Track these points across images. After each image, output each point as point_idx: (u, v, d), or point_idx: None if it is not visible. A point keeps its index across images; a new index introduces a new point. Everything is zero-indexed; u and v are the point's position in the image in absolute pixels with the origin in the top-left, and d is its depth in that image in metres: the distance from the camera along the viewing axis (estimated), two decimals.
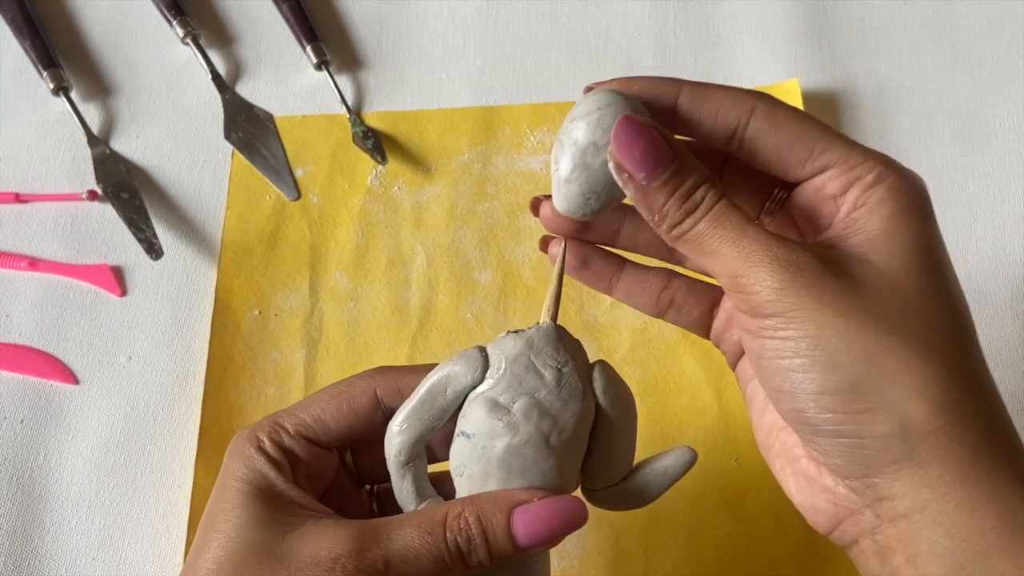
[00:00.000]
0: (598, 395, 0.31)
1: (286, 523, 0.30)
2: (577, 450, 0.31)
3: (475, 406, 0.31)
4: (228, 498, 0.31)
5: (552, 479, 0.31)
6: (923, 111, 0.57)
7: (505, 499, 0.30)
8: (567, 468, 0.31)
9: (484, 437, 0.30)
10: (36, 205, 0.55)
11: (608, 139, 0.29)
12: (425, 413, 0.31)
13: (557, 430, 0.30)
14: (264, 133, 0.57)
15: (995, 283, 0.52)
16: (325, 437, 0.33)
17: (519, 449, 0.30)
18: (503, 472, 0.30)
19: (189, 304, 0.52)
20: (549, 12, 0.60)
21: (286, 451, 0.32)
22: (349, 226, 0.54)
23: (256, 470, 0.31)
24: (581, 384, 0.31)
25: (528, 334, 0.31)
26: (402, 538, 0.29)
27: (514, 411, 0.30)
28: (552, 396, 0.30)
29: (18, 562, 0.46)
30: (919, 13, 0.60)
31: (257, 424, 0.33)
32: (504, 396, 0.30)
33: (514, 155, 0.56)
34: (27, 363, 0.50)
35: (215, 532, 0.30)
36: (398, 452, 0.32)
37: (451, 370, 0.31)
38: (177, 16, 0.58)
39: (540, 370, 0.30)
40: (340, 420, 0.33)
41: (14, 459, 0.48)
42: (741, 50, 0.59)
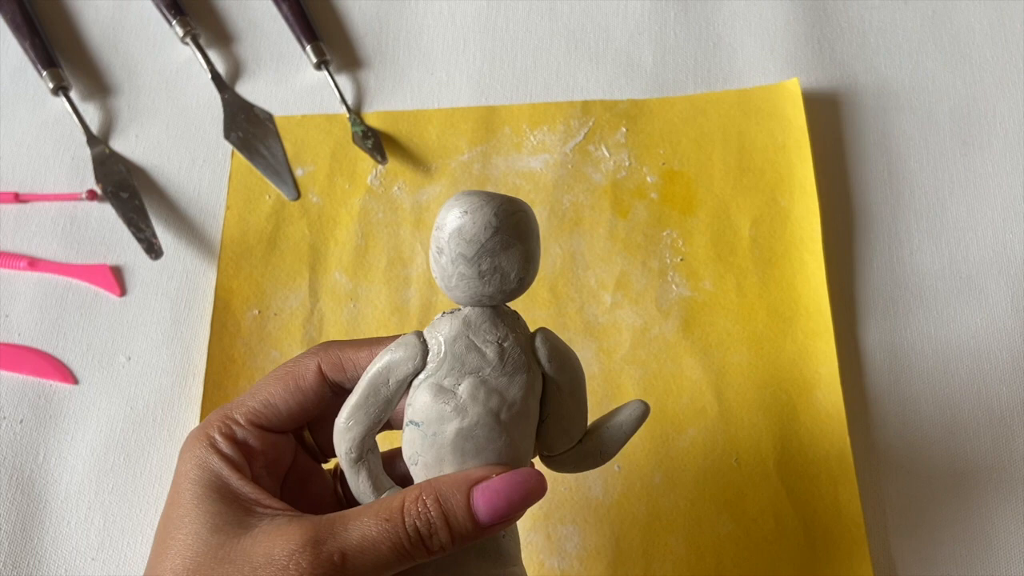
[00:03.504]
0: (543, 363, 0.31)
1: (241, 524, 0.29)
2: (529, 421, 0.31)
3: (420, 393, 0.30)
4: (183, 503, 0.30)
5: (507, 455, 0.31)
6: (923, 111, 0.57)
7: (463, 479, 0.30)
8: (521, 441, 0.31)
9: (433, 423, 0.30)
10: (35, 205, 0.55)
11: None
12: (370, 407, 0.31)
13: (506, 406, 0.30)
14: (264, 133, 0.57)
15: (996, 283, 0.52)
16: (277, 421, 0.32)
17: (470, 431, 0.30)
18: (457, 456, 0.30)
19: (189, 304, 0.52)
20: (549, 12, 0.60)
21: (240, 444, 0.32)
22: (349, 226, 0.54)
23: (209, 470, 0.31)
24: (524, 356, 0.30)
25: (464, 313, 0.30)
26: (358, 528, 0.29)
27: (460, 393, 0.30)
28: (497, 372, 0.30)
29: (17, 562, 0.46)
30: (919, 13, 0.60)
31: (207, 420, 0.32)
32: (448, 379, 0.30)
33: (514, 155, 0.56)
34: (26, 363, 0.50)
35: (171, 540, 0.30)
36: (348, 449, 0.31)
37: (390, 359, 0.30)
38: (177, 16, 0.58)
39: (481, 348, 0.30)
40: (289, 401, 0.32)
41: (13, 459, 0.48)
42: (741, 50, 0.58)
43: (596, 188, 0.54)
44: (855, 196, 0.54)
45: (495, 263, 0.29)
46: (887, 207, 0.54)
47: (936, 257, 0.53)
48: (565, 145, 0.56)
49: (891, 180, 0.55)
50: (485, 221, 0.28)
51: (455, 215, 0.29)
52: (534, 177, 0.55)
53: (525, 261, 0.29)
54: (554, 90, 0.58)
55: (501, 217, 0.29)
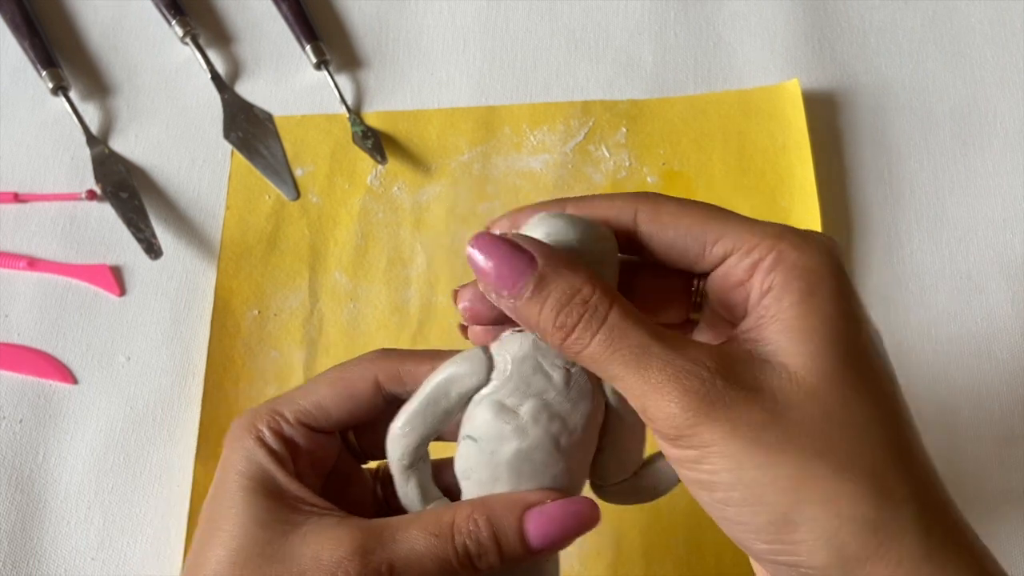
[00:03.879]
0: (607, 393, 0.30)
1: (288, 521, 0.29)
2: (587, 450, 0.31)
3: (481, 409, 0.30)
4: (229, 493, 0.30)
5: (563, 481, 0.30)
6: (923, 111, 0.57)
7: (517, 501, 0.29)
8: (577, 469, 0.30)
9: (492, 441, 0.29)
10: (35, 205, 0.55)
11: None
12: (428, 416, 0.30)
13: (567, 432, 0.29)
14: (263, 133, 0.57)
15: (996, 283, 0.52)
16: (326, 423, 0.32)
17: (528, 453, 0.29)
18: (512, 476, 0.30)
19: (188, 304, 0.52)
20: (549, 12, 0.60)
21: (287, 441, 0.31)
22: (349, 226, 0.54)
23: (256, 463, 0.31)
24: (590, 384, 0.30)
25: (534, 335, 0.30)
26: (407, 540, 0.29)
27: (522, 414, 0.29)
28: (561, 397, 0.29)
29: (17, 562, 0.46)
30: (920, 13, 0.60)
31: (255, 411, 0.32)
32: (511, 398, 0.29)
33: (514, 155, 0.56)
34: (26, 363, 0.50)
35: (217, 530, 0.29)
36: (401, 456, 0.31)
37: (455, 371, 0.30)
38: (176, 15, 0.58)
39: (548, 371, 0.29)
40: (340, 406, 0.32)
41: (13, 459, 0.48)
42: (741, 50, 0.58)
43: (596, 188, 0.54)
44: (855, 196, 0.54)
45: None
46: (887, 207, 0.54)
47: (936, 257, 0.53)
48: (565, 145, 0.56)
49: (891, 180, 0.55)
50: (567, 246, 0.28)
51: (537, 234, 0.28)
52: (534, 177, 0.55)
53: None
54: (554, 90, 0.58)
55: (585, 243, 0.28)
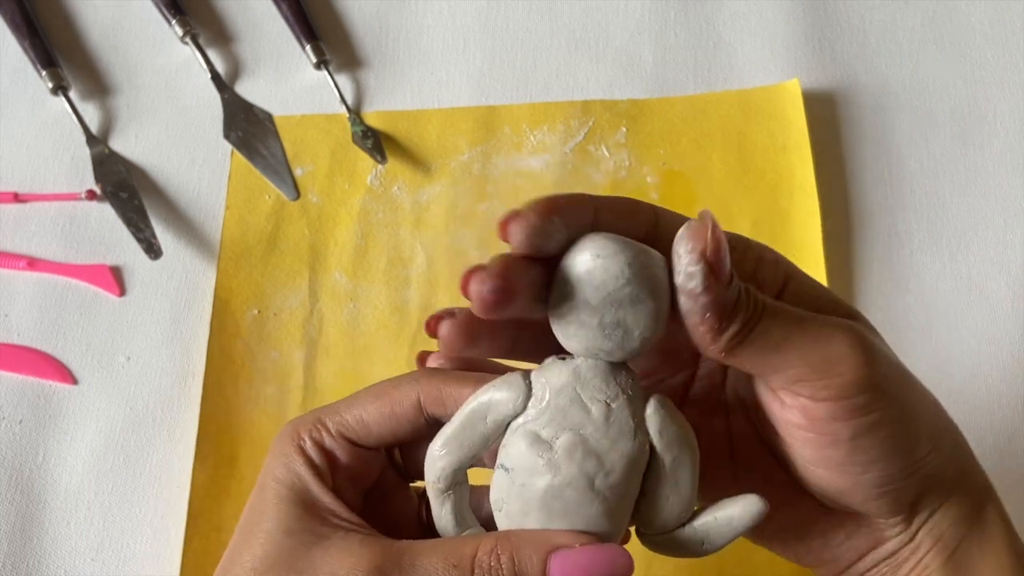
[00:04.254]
0: (651, 435, 0.29)
1: (315, 533, 0.29)
2: (627, 494, 0.29)
3: (516, 438, 0.28)
4: (265, 500, 0.30)
5: (598, 524, 0.28)
6: (924, 111, 0.57)
7: (543, 541, 0.28)
8: (615, 513, 0.29)
9: (524, 473, 0.28)
10: (35, 205, 0.55)
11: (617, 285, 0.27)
12: (465, 440, 0.29)
13: (603, 472, 0.28)
14: (263, 132, 0.56)
15: (997, 283, 0.52)
16: (367, 439, 0.32)
17: (560, 490, 0.28)
18: (543, 513, 0.28)
19: (188, 304, 0.52)
20: (549, 11, 0.60)
21: (327, 452, 0.31)
22: (348, 226, 0.54)
23: (294, 471, 0.31)
24: (633, 422, 0.28)
25: (576, 363, 0.28)
26: (425, 567, 0.28)
27: (556, 448, 0.28)
28: (599, 434, 0.28)
29: (16, 562, 0.46)
30: (920, 13, 0.60)
31: (301, 419, 0.32)
32: (546, 430, 0.28)
33: (514, 155, 0.55)
34: (26, 363, 0.50)
35: (249, 535, 0.30)
36: (437, 479, 0.30)
37: (492, 396, 0.29)
38: (176, 15, 0.58)
39: (586, 404, 0.28)
40: (382, 424, 0.31)
41: (12, 459, 0.48)
42: (741, 50, 0.58)
43: (596, 188, 0.54)
44: (855, 196, 0.54)
45: (619, 317, 0.27)
46: (887, 207, 0.54)
47: (936, 257, 0.53)
48: (565, 145, 0.55)
49: (891, 180, 0.55)
50: (618, 269, 0.26)
51: (585, 257, 0.27)
52: (534, 177, 0.55)
53: (653, 320, 0.27)
54: (554, 90, 0.58)
55: (636, 268, 0.26)
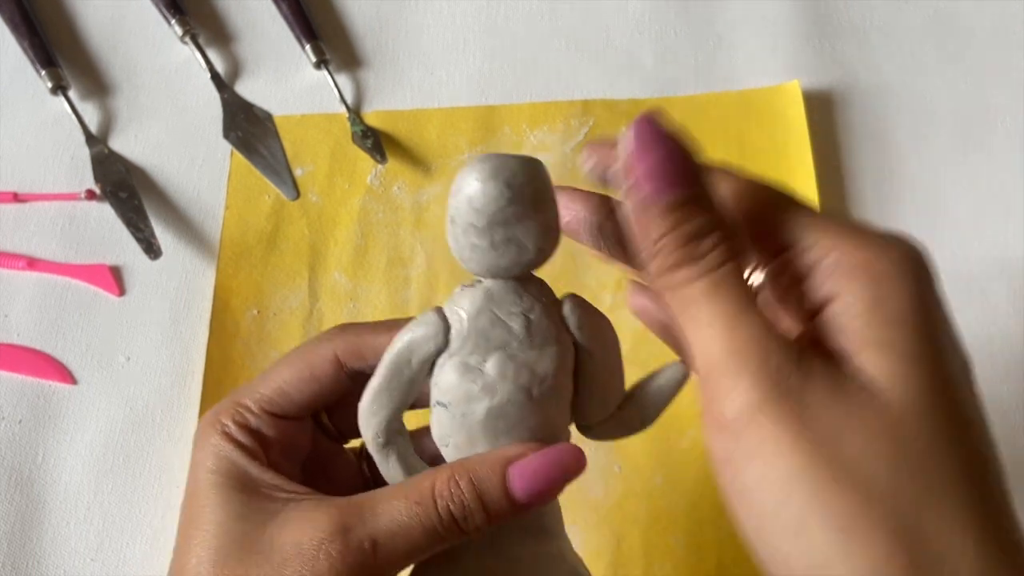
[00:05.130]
0: (574, 332, 0.29)
1: (265, 511, 0.29)
2: (562, 394, 0.29)
3: (445, 372, 0.28)
4: (202, 492, 0.29)
5: (542, 431, 0.29)
6: (924, 111, 0.57)
7: (497, 458, 0.28)
8: (556, 415, 0.29)
9: (461, 403, 0.28)
10: (34, 205, 0.55)
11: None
12: (394, 390, 0.29)
13: (537, 380, 0.28)
14: (263, 132, 0.56)
15: (997, 283, 0.52)
16: (291, 409, 0.31)
17: (501, 409, 0.28)
18: (489, 435, 0.29)
19: (188, 304, 0.52)
20: (549, 11, 0.60)
21: (254, 432, 0.31)
22: (348, 226, 0.54)
23: (226, 458, 0.30)
24: (553, 326, 0.29)
25: (485, 285, 0.28)
26: (388, 512, 0.28)
27: (487, 371, 0.28)
28: (525, 346, 0.28)
29: (16, 563, 0.46)
30: (920, 13, 0.59)
31: (219, 407, 0.31)
32: (474, 356, 0.28)
33: None
34: (25, 363, 0.50)
35: (195, 531, 0.29)
36: (376, 434, 0.30)
37: (411, 338, 0.29)
38: (176, 15, 0.58)
39: (506, 321, 0.28)
40: (304, 390, 0.31)
41: (12, 459, 0.48)
42: (742, 50, 0.58)
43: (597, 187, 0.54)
44: (855, 196, 0.54)
45: (509, 234, 0.27)
46: (887, 207, 0.54)
47: (936, 257, 0.52)
48: (565, 145, 0.55)
49: (891, 180, 0.55)
50: (497, 191, 0.27)
51: (467, 182, 0.27)
52: None
53: (543, 231, 0.28)
54: (554, 89, 0.58)
55: (515, 187, 0.27)
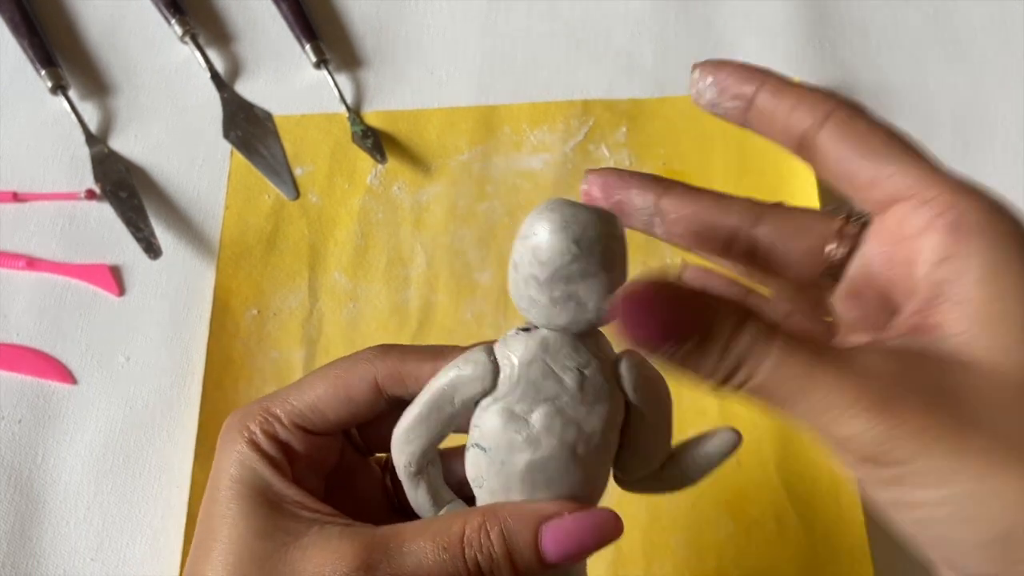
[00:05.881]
0: (627, 392, 0.28)
1: (288, 531, 0.28)
2: (607, 453, 0.29)
3: (489, 416, 0.28)
4: (224, 500, 0.29)
5: (581, 489, 0.28)
6: (924, 111, 0.57)
7: (531, 514, 0.27)
8: (596, 474, 0.29)
9: (502, 451, 0.28)
10: (34, 204, 0.55)
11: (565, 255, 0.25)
12: (432, 423, 0.28)
13: (584, 439, 0.27)
14: (263, 132, 0.56)
15: None
16: (323, 426, 0.30)
17: (543, 464, 0.27)
18: (526, 486, 0.28)
19: (187, 304, 0.52)
20: (549, 11, 0.60)
21: (281, 444, 0.30)
22: (348, 226, 0.54)
23: (250, 468, 0.29)
24: (607, 383, 0.27)
25: (541, 334, 0.27)
26: (415, 553, 0.27)
27: (533, 422, 0.27)
28: (575, 402, 0.27)
29: (16, 563, 0.46)
30: (921, 12, 0.59)
31: (247, 411, 0.30)
32: (520, 405, 0.27)
33: (514, 154, 0.55)
34: (25, 363, 0.50)
35: (214, 541, 0.28)
36: (408, 463, 0.29)
37: (457, 376, 0.28)
38: (176, 15, 0.58)
39: (559, 374, 0.27)
40: (338, 408, 0.30)
41: (12, 459, 0.48)
42: (742, 49, 0.58)
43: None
44: None
45: (570, 291, 0.26)
46: None
47: None
48: (565, 144, 0.55)
49: None
50: (564, 246, 0.25)
51: (535, 230, 0.26)
52: (534, 177, 0.55)
53: (607, 292, 0.26)
54: (554, 89, 0.58)
55: (584, 244, 0.25)
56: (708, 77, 0.28)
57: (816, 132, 0.27)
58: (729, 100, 0.28)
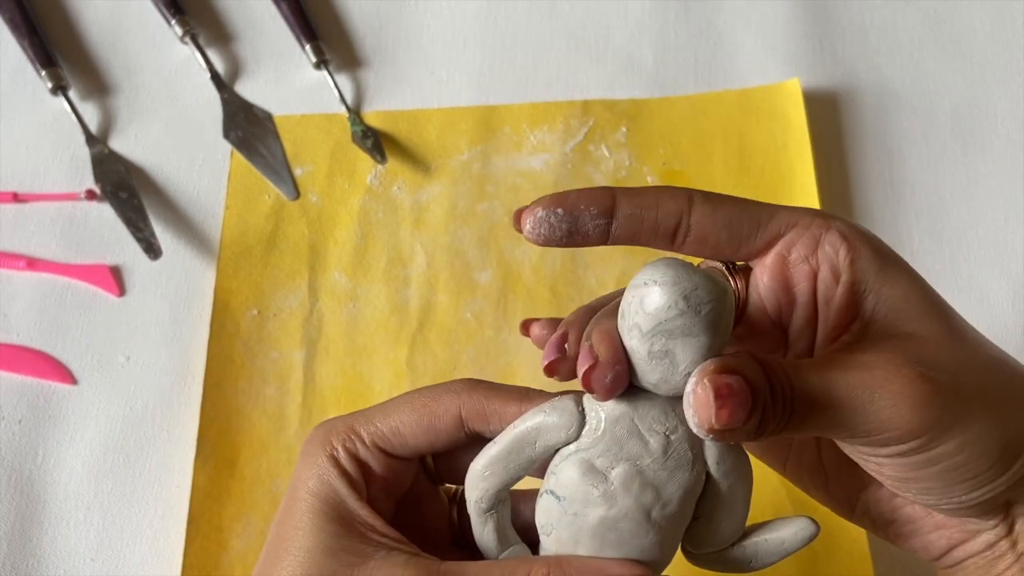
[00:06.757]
0: (710, 465, 0.28)
1: (356, 552, 0.28)
2: (680, 522, 0.29)
3: (568, 465, 0.28)
4: (299, 513, 0.30)
5: (651, 553, 0.28)
6: (924, 110, 0.57)
7: (597, 571, 0.28)
8: (668, 542, 0.29)
9: (576, 503, 0.28)
10: (34, 205, 0.55)
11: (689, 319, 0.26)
12: (511, 462, 0.28)
13: (660, 504, 0.27)
14: (263, 132, 0.56)
15: (997, 283, 0.52)
16: (403, 451, 0.31)
17: (615, 522, 0.27)
18: (596, 542, 0.28)
19: (188, 304, 0.52)
20: (549, 11, 0.60)
21: (361, 463, 0.30)
22: (348, 226, 0.54)
23: (327, 484, 0.30)
24: (691, 452, 0.27)
25: (633, 392, 0.27)
26: None
27: (612, 479, 0.27)
28: (657, 465, 0.27)
29: (16, 563, 0.46)
30: (920, 12, 0.59)
31: (332, 425, 0.31)
32: (601, 460, 0.27)
33: (514, 154, 0.55)
34: (25, 363, 0.50)
35: (284, 552, 0.29)
36: (479, 499, 0.29)
37: (543, 422, 0.28)
38: (176, 15, 0.58)
39: (644, 435, 0.27)
40: (419, 436, 0.31)
41: (12, 459, 0.48)
42: (742, 49, 0.58)
43: None
44: (855, 196, 0.54)
45: (668, 347, 0.26)
46: (887, 207, 0.54)
47: (936, 257, 0.53)
48: (565, 145, 0.55)
49: (891, 180, 0.55)
50: (673, 300, 0.25)
51: (647, 280, 0.26)
52: (534, 177, 0.55)
53: (703, 356, 0.26)
54: (554, 89, 0.58)
55: (693, 302, 0.25)
56: (558, 210, 0.28)
57: (688, 214, 0.29)
58: (590, 222, 0.28)
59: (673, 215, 0.28)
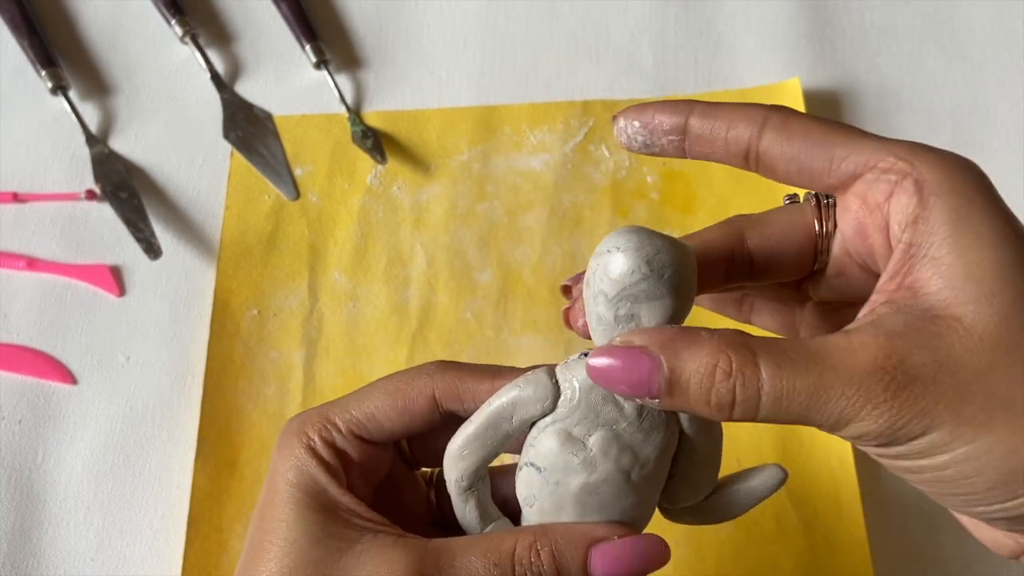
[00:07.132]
0: (683, 423, 0.29)
1: (342, 538, 0.29)
2: (658, 481, 0.29)
3: (546, 437, 0.28)
4: (279, 504, 0.29)
5: (632, 514, 0.29)
6: (924, 110, 0.57)
7: (582, 535, 0.28)
8: (647, 501, 0.29)
9: (557, 472, 0.28)
10: (34, 205, 0.55)
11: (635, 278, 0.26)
12: (488, 440, 0.29)
13: (639, 465, 0.28)
14: (263, 132, 0.56)
15: None
16: (379, 435, 0.31)
17: (596, 487, 0.28)
18: (578, 507, 0.28)
19: (188, 304, 0.52)
20: (549, 11, 0.60)
21: (338, 451, 0.30)
22: (348, 226, 0.54)
23: (307, 474, 0.30)
24: (664, 412, 0.28)
25: None
26: (465, 567, 0.28)
27: (590, 446, 0.28)
28: (632, 428, 0.28)
29: (16, 563, 0.46)
30: (920, 12, 0.59)
31: (306, 416, 0.31)
32: (578, 428, 0.28)
33: (514, 154, 0.55)
34: (25, 363, 0.50)
35: (268, 544, 0.29)
36: (459, 478, 0.30)
37: (518, 396, 0.28)
38: (176, 15, 0.58)
39: (619, 400, 0.28)
40: (394, 419, 0.31)
41: (12, 459, 0.48)
42: (742, 49, 0.58)
43: (596, 188, 0.54)
44: None
45: (633, 311, 0.27)
46: None
47: None
48: (565, 145, 0.55)
49: None
50: (634, 264, 0.26)
51: (610, 247, 0.26)
52: (534, 177, 0.55)
53: (668, 318, 0.27)
54: (554, 89, 0.58)
55: (655, 266, 0.26)
56: (634, 122, 0.28)
57: (758, 140, 0.27)
58: (664, 137, 0.28)
59: (742, 140, 0.27)
